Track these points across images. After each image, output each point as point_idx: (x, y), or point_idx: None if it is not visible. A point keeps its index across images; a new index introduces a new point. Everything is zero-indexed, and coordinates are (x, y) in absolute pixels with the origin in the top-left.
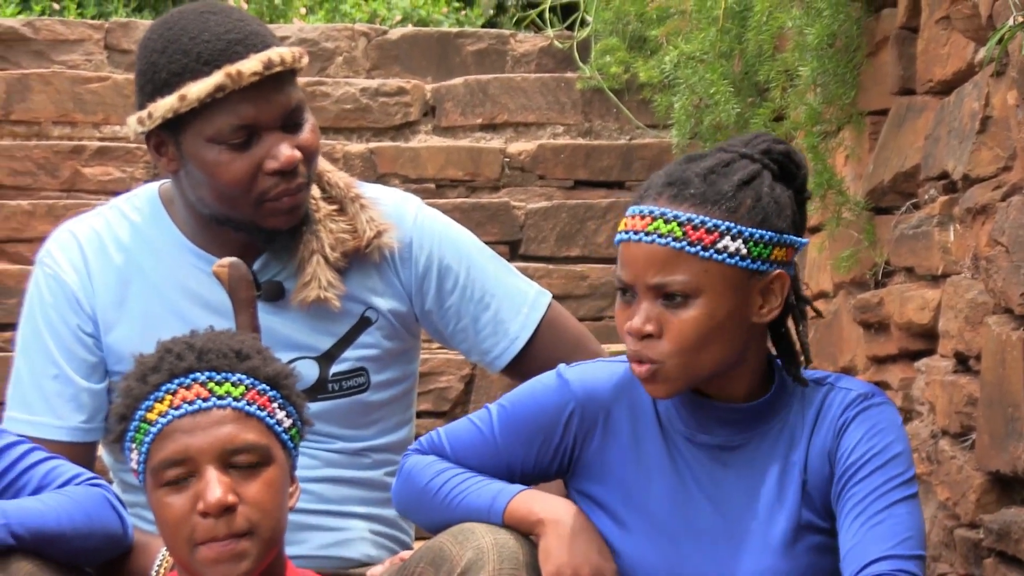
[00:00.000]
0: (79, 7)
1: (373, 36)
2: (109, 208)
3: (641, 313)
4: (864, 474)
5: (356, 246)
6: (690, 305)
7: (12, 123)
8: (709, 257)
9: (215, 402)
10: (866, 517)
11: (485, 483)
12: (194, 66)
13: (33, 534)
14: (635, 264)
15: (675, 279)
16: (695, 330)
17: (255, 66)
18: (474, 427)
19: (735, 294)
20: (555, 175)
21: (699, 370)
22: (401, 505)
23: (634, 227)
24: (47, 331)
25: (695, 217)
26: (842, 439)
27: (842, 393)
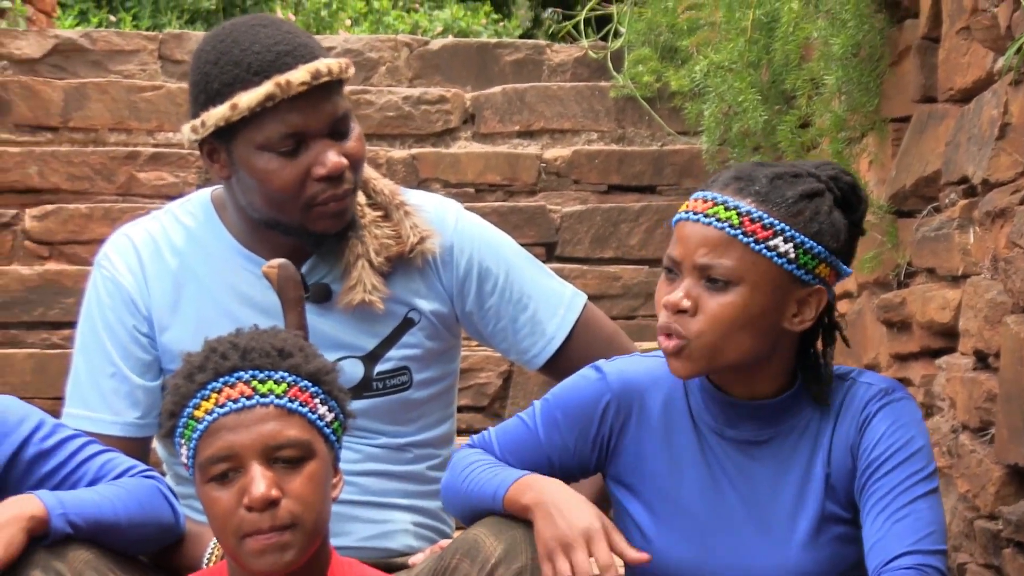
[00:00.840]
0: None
1: (415, 47)
2: (164, 213)
3: (682, 288)
4: (887, 469)
5: (400, 251)
6: (729, 291)
7: (71, 130)
8: (759, 251)
9: (258, 400)
10: (889, 512)
11: (497, 472)
12: (245, 76)
13: (90, 524)
14: (688, 242)
15: (722, 263)
16: (728, 315)
17: (303, 76)
18: (520, 423)
19: (773, 293)
20: (589, 180)
21: (722, 357)
22: (443, 494)
23: (695, 208)
24: (104, 331)
25: (754, 211)
26: (865, 433)
27: (864, 387)
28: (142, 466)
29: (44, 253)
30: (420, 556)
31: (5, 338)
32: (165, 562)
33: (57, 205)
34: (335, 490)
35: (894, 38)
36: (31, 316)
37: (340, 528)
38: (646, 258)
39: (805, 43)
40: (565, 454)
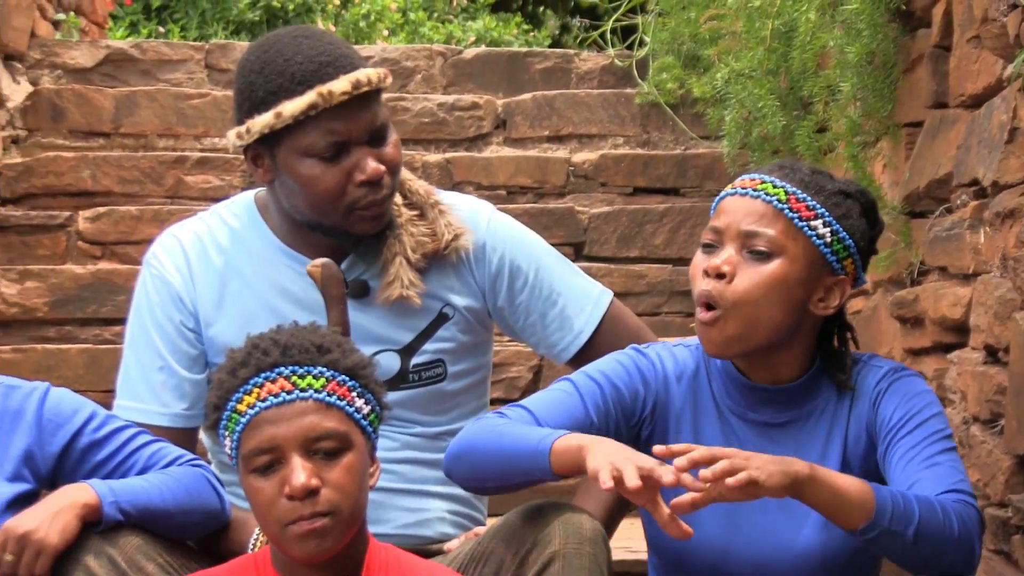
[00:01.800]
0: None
1: (449, 56)
2: (209, 214)
3: (723, 254)
4: (908, 430)
5: (435, 248)
6: (769, 262)
7: (121, 136)
8: (801, 228)
9: (298, 394)
10: (919, 461)
11: (537, 428)
12: (289, 86)
13: (139, 510)
14: (734, 212)
15: (767, 232)
16: (765, 284)
17: (344, 86)
18: (558, 392)
19: (808, 271)
20: (616, 182)
21: (755, 332)
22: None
23: (743, 185)
24: (153, 327)
25: (800, 192)
26: (879, 409)
27: (874, 370)
28: (189, 455)
29: (97, 253)
30: (455, 542)
31: (60, 334)
32: (212, 547)
33: (109, 207)
34: (372, 478)
35: (907, 46)
36: (84, 313)
37: (378, 516)
38: (670, 257)
39: (822, 51)
40: (605, 423)
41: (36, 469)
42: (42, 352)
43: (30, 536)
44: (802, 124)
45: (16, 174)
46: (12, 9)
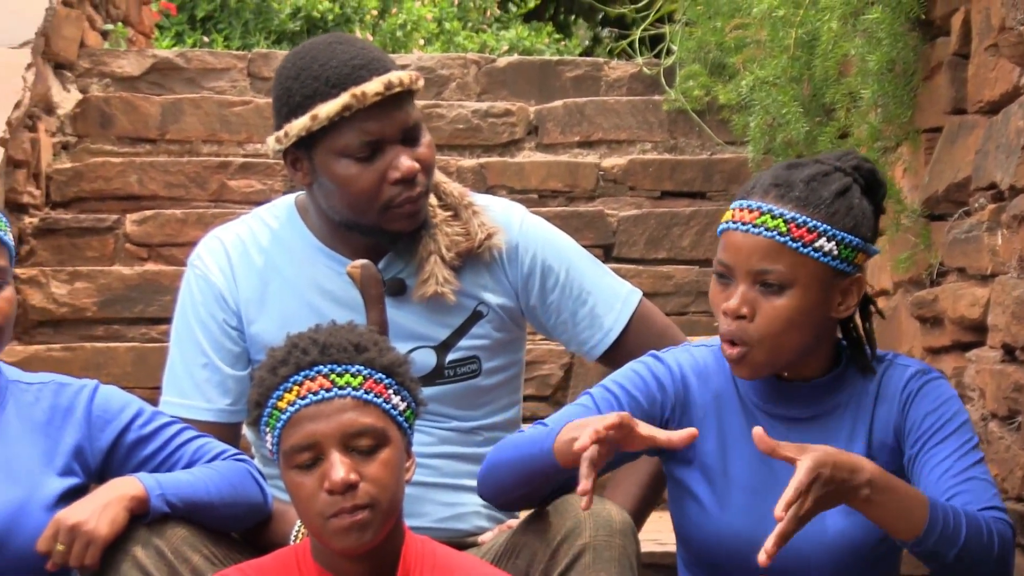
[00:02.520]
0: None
1: (483, 64)
2: (251, 217)
3: (738, 295)
4: (939, 439)
5: (469, 247)
6: (783, 294)
7: (167, 142)
8: (807, 253)
9: (336, 392)
10: (954, 473)
11: (542, 430)
12: (323, 89)
13: (185, 503)
14: (739, 251)
15: (775, 268)
16: (785, 316)
17: (377, 87)
18: (577, 407)
19: (822, 289)
20: (644, 186)
21: (782, 356)
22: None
23: (742, 219)
24: (197, 325)
25: (798, 216)
26: (909, 412)
27: (900, 369)
28: (233, 450)
29: (143, 255)
30: (489, 535)
31: (108, 333)
32: (255, 539)
33: (155, 211)
34: (408, 473)
35: (927, 55)
36: (132, 312)
37: (415, 509)
38: (697, 259)
39: (843, 60)
40: None
41: (86, 463)
42: (91, 350)
43: (80, 527)
44: (824, 130)
45: (66, 179)
46: (62, 20)
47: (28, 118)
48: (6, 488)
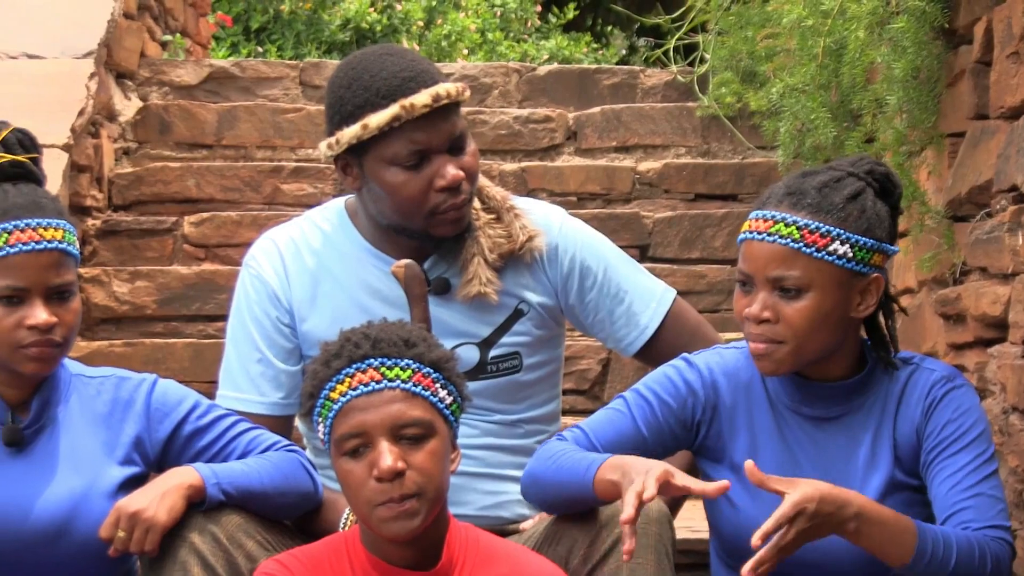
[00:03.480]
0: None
1: (524, 72)
2: (303, 219)
3: (759, 302)
4: (955, 450)
5: (511, 249)
6: (802, 297)
7: (223, 147)
8: (821, 258)
9: (386, 384)
10: (961, 488)
11: (585, 455)
12: (374, 100)
13: (240, 491)
14: (757, 259)
15: (791, 274)
16: (806, 319)
17: (425, 99)
18: (611, 411)
19: (840, 291)
20: (678, 189)
21: (807, 355)
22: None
23: (757, 228)
24: (252, 323)
25: (811, 223)
26: (931, 417)
27: (926, 373)
28: (285, 441)
29: (200, 255)
30: (530, 523)
31: (167, 329)
32: (306, 526)
33: (212, 213)
34: (453, 464)
35: (950, 62)
36: (189, 310)
37: (460, 498)
38: (729, 258)
39: (870, 67)
40: (660, 436)
41: (145, 454)
42: (151, 346)
43: (140, 514)
44: (851, 135)
45: (127, 183)
46: (124, 31)
47: (91, 125)
48: (70, 477)
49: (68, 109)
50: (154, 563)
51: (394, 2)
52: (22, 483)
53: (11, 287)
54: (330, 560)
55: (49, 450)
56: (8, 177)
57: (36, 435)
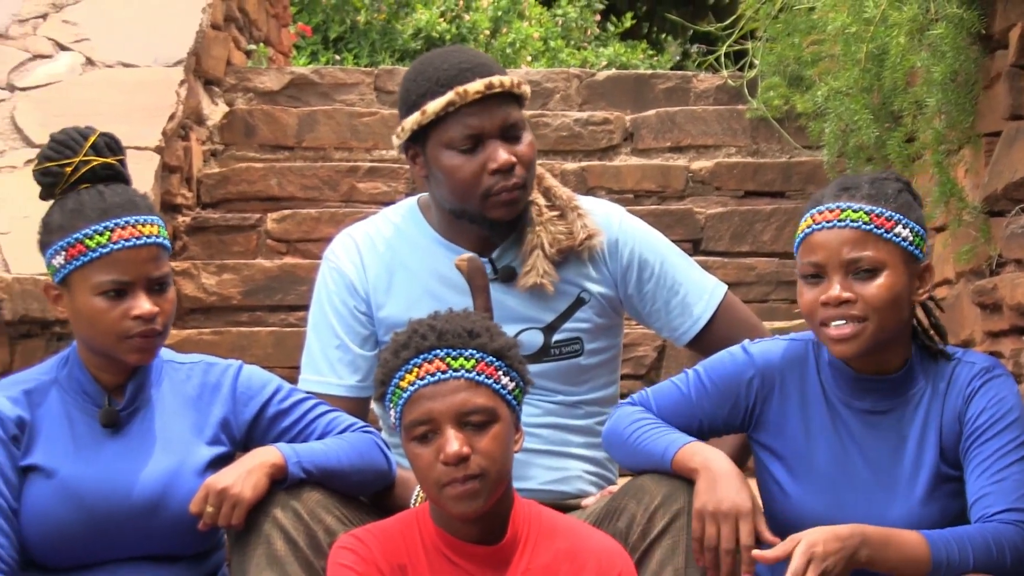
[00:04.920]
0: (355, 58)
1: (584, 78)
2: (378, 216)
3: (837, 285)
4: (989, 436)
5: (570, 245)
6: (878, 276)
7: (303, 149)
8: (890, 239)
9: (451, 374)
10: (991, 473)
11: (664, 433)
12: (433, 88)
13: (319, 470)
14: (829, 246)
15: (866, 254)
16: (884, 296)
17: (479, 86)
18: (674, 387)
19: (906, 271)
20: (729, 187)
21: (884, 334)
22: (606, 442)
23: (825, 219)
24: (331, 312)
25: (876, 208)
26: (970, 405)
27: (968, 366)
28: (361, 422)
29: (282, 250)
30: (592, 499)
31: (251, 319)
32: (380, 502)
33: (292, 210)
34: (517, 445)
35: (986, 66)
36: (272, 300)
37: (524, 473)
38: (776, 252)
39: (910, 71)
40: (712, 418)
41: (231, 434)
42: (236, 334)
43: (228, 491)
44: (893, 135)
45: (214, 182)
46: (211, 41)
47: (181, 128)
48: (163, 456)
49: (160, 114)
50: (240, 536)
51: (462, 12)
52: (119, 462)
53: (116, 281)
54: (402, 535)
55: (143, 431)
56: (100, 179)
57: (131, 417)
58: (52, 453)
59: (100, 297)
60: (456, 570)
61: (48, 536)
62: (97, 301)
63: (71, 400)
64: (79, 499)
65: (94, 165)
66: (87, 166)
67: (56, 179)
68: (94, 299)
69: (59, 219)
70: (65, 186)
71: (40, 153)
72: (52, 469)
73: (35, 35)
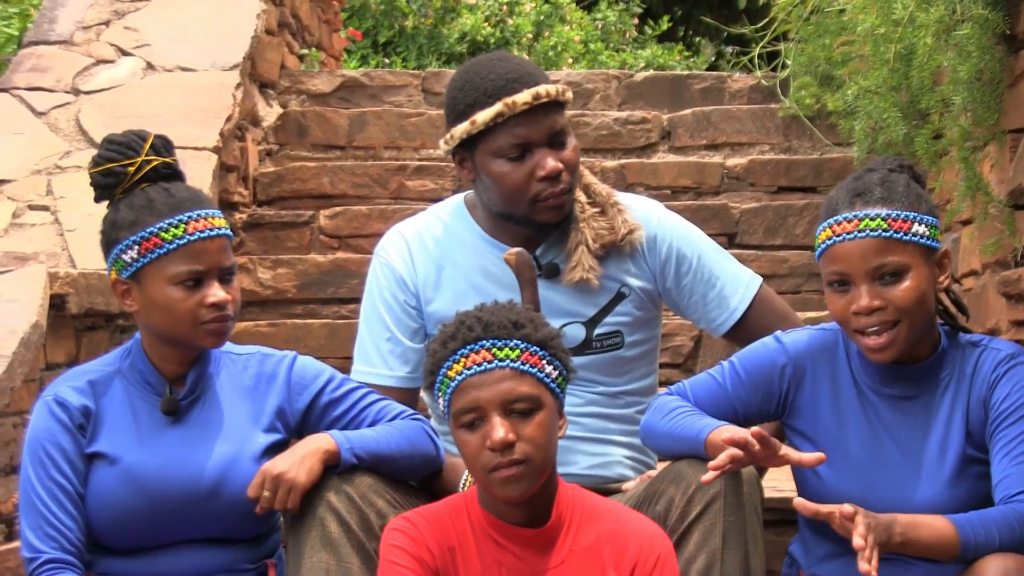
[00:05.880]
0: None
1: (623, 79)
2: (427, 213)
3: (866, 294)
4: (1013, 420)
5: (612, 240)
6: (904, 279)
7: (354, 148)
8: (909, 240)
9: (497, 364)
10: (1014, 455)
11: (699, 418)
12: (482, 99)
13: (371, 455)
14: (851, 257)
15: (890, 260)
16: (912, 297)
17: (526, 97)
18: (711, 378)
19: (928, 266)
20: (762, 183)
21: (916, 332)
22: (643, 431)
23: (844, 230)
24: (382, 306)
25: (891, 212)
26: (995, 391)
27: (993, 353)
28: (410, 410)
29: (334, 245)
30: (632, 483)
31: (305, 311)
32: (430, 486)
33: (344, 207)
34: (561, 431)
35: (1011, 65)
36: (325, 294)
37: (567, 459)
38: (808, 245)
39: (937, 70)
40: (748, 406)
41: (286, 422)
42: (291, 326)
43: (283, 476)
44: (921, 132)
45: (269, 181)
46: (266, 46)
47: (238, 129)
48: (221, 443)
49: (217, 116)
50: (296, 519)
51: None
52: (180, 448)
53: (192, 271)
54: (451, 518)
55: (202, 419)
56: (160, 178)
57: (191, 406)
58: (116, 440)
59: (177, 287)
60: (503, 552)
61: (112, 519)
62: (173, 291)
63: (134, 390)
64: (142, 484)
65: (156, 164)
66: (149, 165)
67: (119, 179)
68: (170, 289)
69: (129, 216)
70: (128, 186)
71: (97, 155)
72: (116, 456)
73: (98, 41)
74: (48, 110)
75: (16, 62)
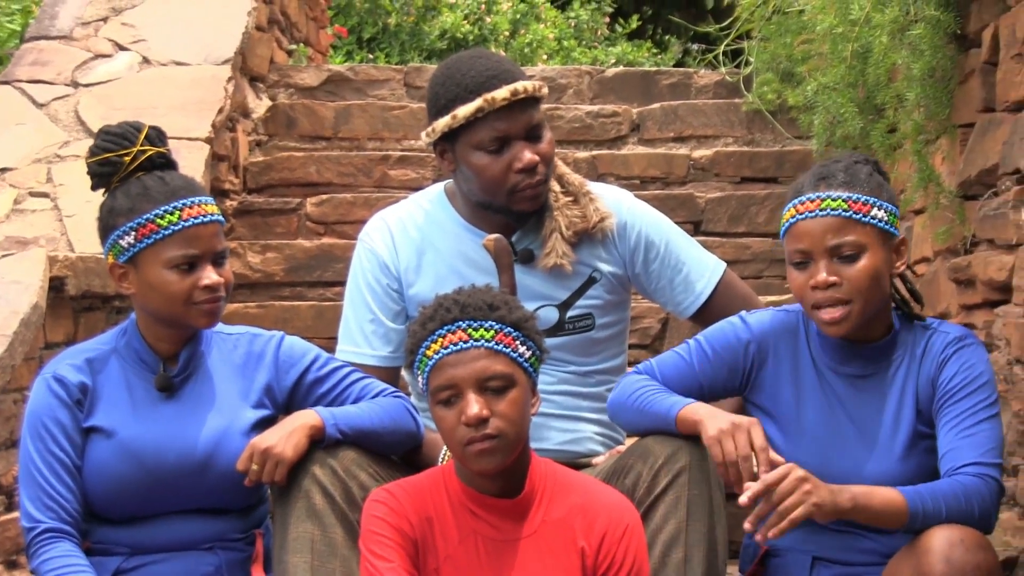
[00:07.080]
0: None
1: (595, 74)
2: (409, 201)
3: (823, 270)
4: (959, 396)
5: (584, 227)
6: (860, 259)
7: (340, 139)
8: (868, 223)
9: (472, 343)
10: (960, 429)
11: (667, 396)
12: (463, 94)
13: (354, 431)
14: (813, 234)
15: (848, 239)
16: (867, 277)
17: (505, 93)
18: (677, 356)
19: (884, 250)
20: (727, 173)
21: (868, 311)
22: (611, 408)
23: (807, 208)
24: (366, 289)
25: (852, 195)
26: (943, 370)
27: (942, 335)
28: (392, 388)
29: (320, 231)
30: (601, 458)
31: (292, 294)
32: (410, 460)
33: (330, 195)
34: (533, 408)
35: (962, 63)
36: (311, 277)
37: (540, 435)
38: (770, 232)
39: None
40: (713, 381)
41: (274, 399)
42: (279, 308)
43: (271, 450)
44: (876, 126)
45: (259, 170)
46: (256, 42)
47: (229, 121)
48: (212, 418)
49: (210, 108)
50: (282, 491)
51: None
52: (173, 423)
53: (187, 255)
54: (430, 490)
55: (194, 395)
56: (155, 166)
57: (183, 383)
58: (112, 415)
59: (172, 271)
60: (478, 521)
61: (108, 491)
62: (168, 274)
63: (129, 367)
64: (136, 457)
65: (150, 154)
66: (144, 155)
67: (115, 168)
68: (166, 272)
69: (126, 203)
70: (124, 174)
71: (94, 146)
72: (112, 430)
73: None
74: (48, 102)
75: (18, 56)
